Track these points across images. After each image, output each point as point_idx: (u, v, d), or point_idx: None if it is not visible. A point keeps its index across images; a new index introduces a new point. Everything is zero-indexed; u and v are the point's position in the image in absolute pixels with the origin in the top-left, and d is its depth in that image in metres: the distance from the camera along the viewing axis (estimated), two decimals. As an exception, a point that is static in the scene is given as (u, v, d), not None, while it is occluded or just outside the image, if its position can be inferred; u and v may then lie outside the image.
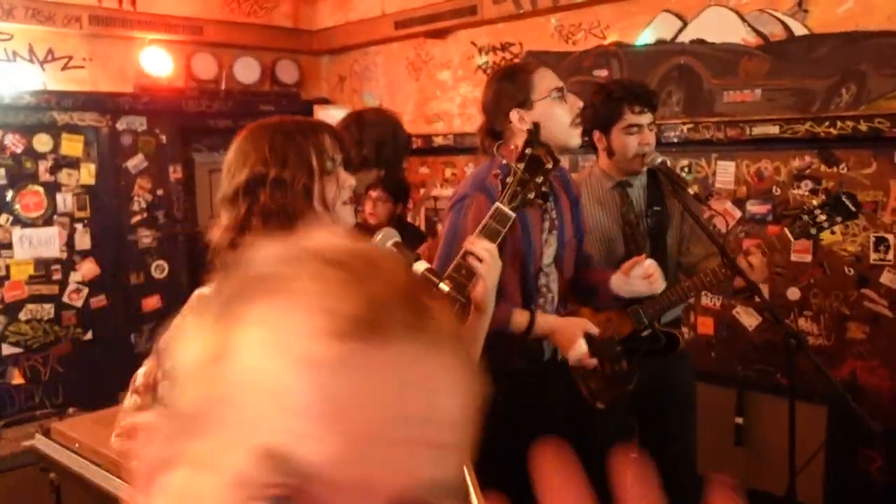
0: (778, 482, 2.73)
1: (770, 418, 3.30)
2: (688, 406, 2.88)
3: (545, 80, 2.29)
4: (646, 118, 2.61)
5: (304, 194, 1.49)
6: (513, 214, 1.59)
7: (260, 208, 1.47)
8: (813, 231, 2.47)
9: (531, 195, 1.61)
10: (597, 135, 2.69)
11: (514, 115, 2.26)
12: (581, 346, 2.16)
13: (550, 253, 2.46)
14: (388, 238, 1.52)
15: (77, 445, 2.37)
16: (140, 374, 1.55)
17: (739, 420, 3.44)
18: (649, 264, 2.28)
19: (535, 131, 1.66)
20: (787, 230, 2.49)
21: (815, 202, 2.50)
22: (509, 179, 1.61)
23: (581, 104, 2.33)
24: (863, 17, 3.28)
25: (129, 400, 1.54)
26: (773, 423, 3.25)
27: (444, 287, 1.44)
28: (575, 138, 2.31)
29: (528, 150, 1.62)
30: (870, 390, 3.36)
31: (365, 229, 2.53)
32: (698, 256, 2.74)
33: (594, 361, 2.20)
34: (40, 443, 2.49)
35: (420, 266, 1.46)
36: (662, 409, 2.82)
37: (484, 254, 1.53)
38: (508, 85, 2.31)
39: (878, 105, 3.25)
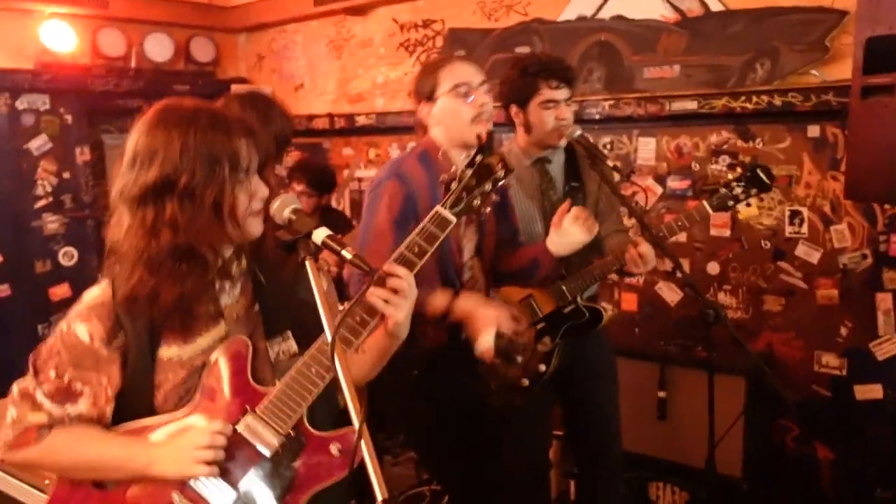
0: (699, 455, 2.76)
1: (691, 392, 3.34)
2: (608, 380, 2.87)
3: (452, 75, 2.27)
4: (562, 93, 2.57)
5: (213, 210, 1.36)
6: (454, 219, 1.51)
7: (169, 219, 1.35)
8: (730, 203, 2.48)
9: (476, 202, 1.53)
10: (514, 109, 2.65)
11: (423, 108, 2.32)
12: (485, 341, 2.10)
13: (471, 248, 2.41)
14: (285, 205, 1.42)
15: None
16: (15, 386, 1.45)
17: (662, 394, 3.46)
18: (577, 209, 2.30)
19: (488, 139, 1.60)
20: (705, 203, 2.50)
21: (731, 176, 2.49)
22: (454, 185, 1.53)
23: (487, 100, 2.26)
24: (776, -7, 3.31)
25: (9, 412, 1.44)
26: (694, 396, 3.28)
27: (347, 255, 1.34)
28: (477, 130, 2.24)
29: (477, 158, 1.55)
30: (785, 362, 3.43)
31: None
32: (604, 232, 2.71)
33: (494, 360, 2.15)
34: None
35: (320, 234, 1.36)
36: (583, 386, 2.81)
37: (399, 285, 1.43)
38: (420, 77, 2.37)
39: (791, 80, 3.30)
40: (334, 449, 1.45)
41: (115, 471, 1.41)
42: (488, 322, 2.11)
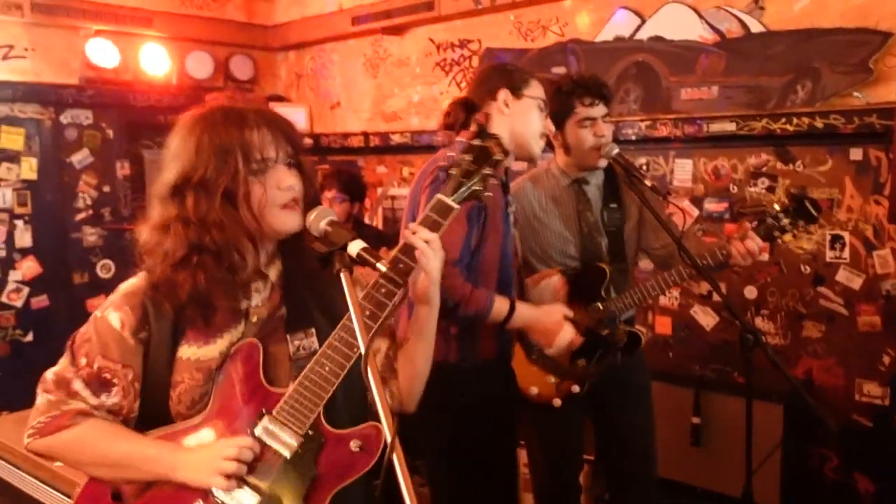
0: (734, 483, 2.69)
1: (727, 418, 3.27)
2: (645, 403, 2.82)
3: (539, 88, 2.37)
4: (598, 110, 2.55)
5: (225, 199, 1.39)
6: (456, 206, 1.48)
7: (186, 214, 1.39)
8: (776, 233, 2.45)
9: (477, 187, 1.50)
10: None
11: (502, 93, 2.31)
12: (569, 331, 2.16)
13: (521, 249, 2.40)
14: (322, 217, 1.41)
15: (-3, 447, 2.23)
16: (50, 373, 1.47)
17: (696, 420, 3.40)
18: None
19: (484, 123, 1.59)
20: (750, 230, 2.45)
21: (774, 201, 2.47)
22: (454, 171, 1.51)
23: (553, 129, 2.42)
24: (817, 14, 3.27)
25: (41, 398, 1.45)
26: (730, 422, 3.22)
27: (382, 268, 1.34)
28: (538, 149, 2.37)
29: (475, 141, 1.53)
30: (825, 389, 3.35)
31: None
32: (667, 246, 2.64)
33: (581, 339, 2.21)
34: (-41, 445, 2.33)
35: (356, 246, 1.36)
36: (619, 408, 2.75)
37: (423, 245, 1.43)
38: (510, 70, 2.40)
39: (833, 102, 3.25)
40: (354, 445, 1.43)
41: (139, 471, 1.40)
42: (558, 316, 2.18)
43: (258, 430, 1.41)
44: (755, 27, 3.46)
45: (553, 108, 2.58)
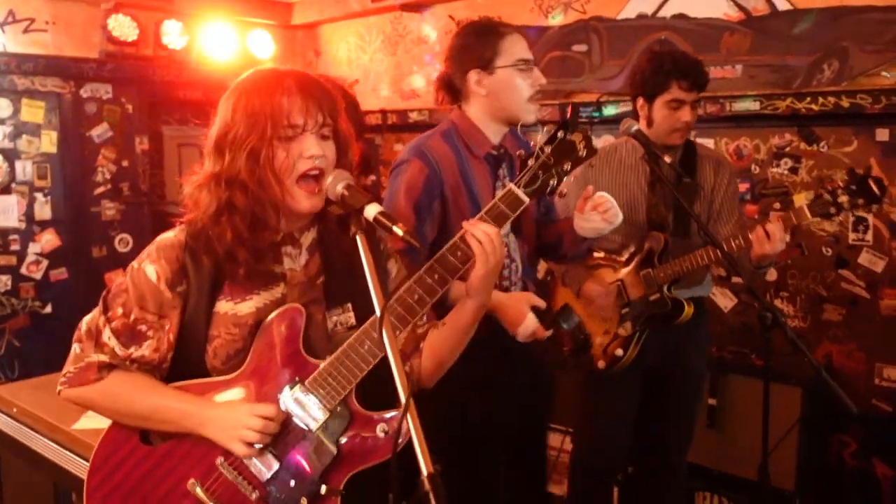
0: (751, 466, 2.67)
1: (744, 400, 3.24)
2: (697, 387, 2.86)
3: (514, 48, 2.17)
4: (691, 96, 2.57)
5: (250, 159, 1.39)
6: (527, 199, 1.42)
7: (221, 172, 1.42)
8: (832, 210, 2.40)
9: (553, 181, 1.43)
10: (640, 102, 2.66)
11: (473, 75, 2.17)
12: (531, 321, 2.04)
13: (507, 226, 2.34)
14: (339, 180, 1.40)
15: (15, 410, 2.25)
16: (84, 322, 1.50)
17: (713, 402, 3.37)
18: (598, 196, 2.14)
19: (574, 114, 1.50)
20: (805, 208, 2.42)
21: (795, 180, 2.42)
22: (531, 161, 1.44)
23: (544, 81, 2.24)
24: (846, -9, 3.20)
25: (73, 347, 1.49)
26: (747, 404, 3.19)
27: (398, 231, 1.31)
28: (530, 114, 2.22)
29: (560, 134, 1.44)
30: (845, 374, 3.30)
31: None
32: (722, 237, 2.63)
33: (546, 332, 2.07)
34: (-22, 409, 2.36)
35: (372, 209, 1.34)
36: (672, 387, 2.79)
37: (483, 237, 1.39)
38: (475, 41, 2.19)
39: (860, 82, 3.18)
40: (380, 430, 1.43)
41: (167, 423, 1.43)
42: (521, 306, 2.04)
43: (288, 398, 1.41)
44: (782, 5, 3.39)
45: (649, 82, 2.60)
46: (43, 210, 4.64)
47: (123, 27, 4.74)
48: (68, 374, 1.47)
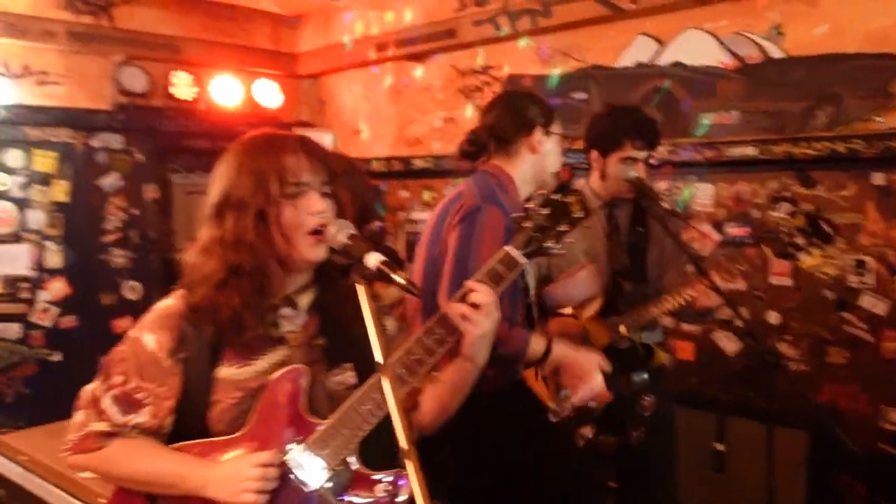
0: (757, 510, 2.66)
1: (749, 444, 3.23)
2: (666, 431, 2.81)
3: (558, 121, 2.41)
4: (644, 154, 2.63)
5: (257, 219, 1.42)
6: (524, 262, 1.42)
7: (225, 235, 1.43)
8: (790, 251, 2.45)
9: (549, 243, 1.43)
10: (594, 154, 2.71)
11: (538, 132, 2.33)
12: (598, 380, 2.10)
13: (533, 284, 2.40)
14: (342, 230, 1.43)
15: (24, 459, 2.27)
16: (85, 391, 1.51)
17: (720, 446, 3.36)
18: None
19: (570, 178, 1.55)
20: (764, 247, 2.46)
21: (794, 222, 2.45)
22: (527, 223, 1.44)
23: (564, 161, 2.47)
24: (837, 39, 3.28)
25: (75, 414, 1.51)
26: (753, 448, 3.17)
27: (399, 279, 1.32)
28: (552, 182, 2.39)
29: (556, 196, 1.44)
30: (850, 416, 3.30)
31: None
32: (668, 281, 2.70)
33: (609, 396, 2.13)
34: (-14, 457, 2.38)
35: (374, 259, 1.36)
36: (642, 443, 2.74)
37: (481, 299, 1.39)
38: (540, 104, 2.40)
39: (854, 127, 3.24)
40: (380, 490, 1.42)
41: (170, 487, 1.43)
42: (592, 365, 2.13)
43: (289, 457, 1.41)
44: (775, 52, 3.48)
45: (604, 137, 2.67)
46: (53, 258, 4.70)
47: (134, 79, 4.87)
48: (71, 441, 1.48)
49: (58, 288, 4.72)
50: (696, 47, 3.72)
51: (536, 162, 2.33)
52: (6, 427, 4.41)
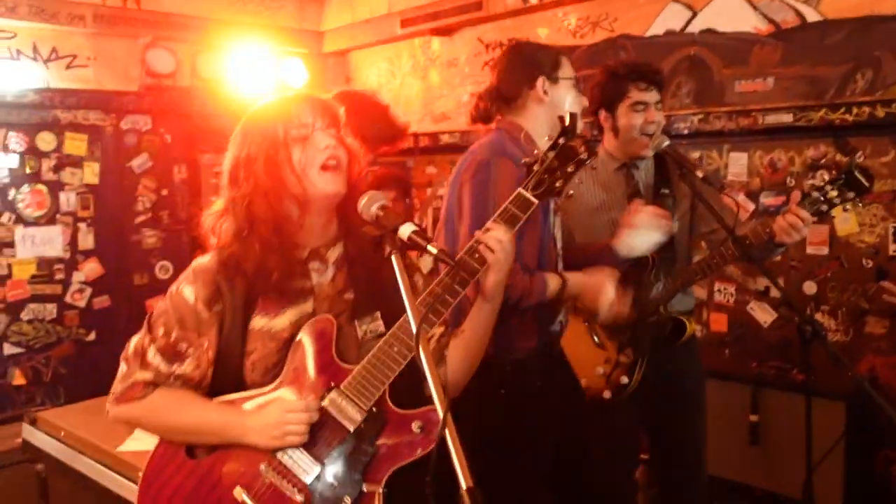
0: (794, 484, 2.62)
1: (786, 416, 3.19)
2: (696, 406, 2.76)
3: (569, 66, 2.32)
4: (651, 96, 2.53)
5: (269, 166, 1.48)
6: (535, 201, 1.53)
7: (238, 191, 1.51)
8: (824, 208, 2.28)
9: (558, 184, 1.54)
10: (603, 114, 2.63)
11: (541, 82, 2.25)
12: (609, 292, 2.15)
13: (560, 238, 2.37)
14: (373, 202, 1.45)
15: (63, 434, 2.31)
16: (130, 343, 1.58)
17: (754, 418, 3.32)
18: (654, 207, 2.24)
19: (572, 122, 1.59)
20: (795, 206, 2.36)
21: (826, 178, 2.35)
22: (536, 166, 1.55)
23: (587, 103, 2.37)
24: (876, 1, 3.18)
25: (121, 366, 1.57)
26: (789, 421, 3.14)
27: (432, 249, 1.37)
28: (578, 130, 2.27)
29: (561, 141, 1.56)
30: (890, 387, 3.23)
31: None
32: (716, 231, 2.56)
33: (627, 310, 2.20)
34: (27, 432, 2.43)
35: (407, 229, 1.39)
36: (669, 411, 2.70)
37: (496, 244, 1.48)
38: (540, 51, 2.33)
39: (895, 91, 3.15)
40: (415, 426, 1.47)
41: (212, 436, 1.50)
42: (603, 279, 2.18)
43: (325, 402, 1.47)
44: (812, 16, 3.38)
45: (606, 91, 2.59)
46: (86, 239, 4.76)
47: (161, 60, 4.88)
48: (116, 391, 1.55)
49: (91, 268, 4.78)
50: (729, 13, 3.63)
51: (547, 111, 2.25)
52: (45, 405, 4.51)
